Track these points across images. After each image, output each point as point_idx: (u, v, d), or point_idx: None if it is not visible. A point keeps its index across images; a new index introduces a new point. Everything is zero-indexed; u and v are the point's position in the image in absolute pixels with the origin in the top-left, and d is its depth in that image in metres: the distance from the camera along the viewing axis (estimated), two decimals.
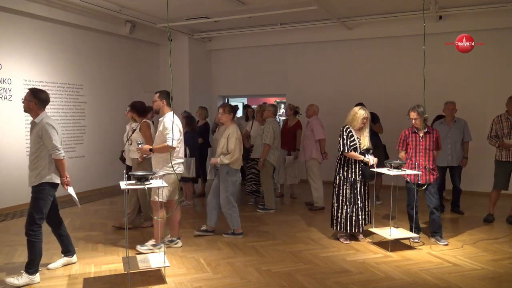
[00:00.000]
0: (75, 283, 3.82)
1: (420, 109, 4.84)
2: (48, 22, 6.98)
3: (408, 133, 4.99)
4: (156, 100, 4.61)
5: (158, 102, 4.61)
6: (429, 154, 4.89)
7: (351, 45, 8.78)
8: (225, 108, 5.10)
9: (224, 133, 5.08)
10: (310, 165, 6.64)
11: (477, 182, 7.33)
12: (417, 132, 4.92)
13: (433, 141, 4.91)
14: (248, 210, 6.66)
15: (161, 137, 4.50)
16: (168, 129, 4.38)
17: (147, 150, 4.51)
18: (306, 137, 6.73)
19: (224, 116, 5.08)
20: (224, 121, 5.13)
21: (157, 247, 4.55)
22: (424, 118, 4.88)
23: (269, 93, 10.41)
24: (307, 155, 6.66)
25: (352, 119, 4.85)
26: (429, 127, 4.97)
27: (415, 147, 4.92)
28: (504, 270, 4.13)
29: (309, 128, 6.68)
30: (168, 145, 4.34)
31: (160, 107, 4.61)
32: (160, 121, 4.58)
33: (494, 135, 5.81)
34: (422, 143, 4.89)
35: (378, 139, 6.80)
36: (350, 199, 4.89)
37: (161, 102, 4.59)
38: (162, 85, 9.65)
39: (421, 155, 4.89)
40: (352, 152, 4.81)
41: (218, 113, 5.23)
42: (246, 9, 7.44)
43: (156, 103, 4.62)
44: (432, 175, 4.91)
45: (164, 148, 4.41)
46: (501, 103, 6.27)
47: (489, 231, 5.51)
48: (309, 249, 4.75)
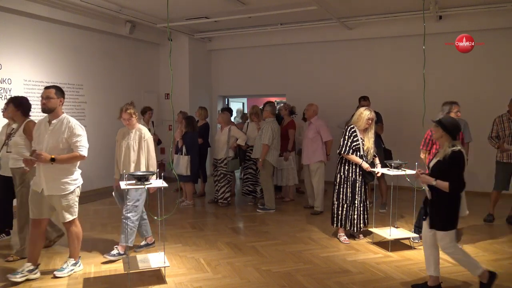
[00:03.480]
0: (75, 283, 3.82)
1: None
2: (48, 22, 6.98)
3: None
4: (52, 97, 3.79)
5: (55, 100, 3.81)
6: None
7: (351, 45, 8.77)
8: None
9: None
10: (315, 168, 6.32)
11: (477, 182, 7.32)
12: None
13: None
14: (248, 210, 6.67)
15: (64, 144, 3.80)
16: (81, 135, 3.84)
17: (47, 160, 3.65)
18: (310, 139, 6.33)
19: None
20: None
21: (77, 265, 4.10)
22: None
23: (269, 93, 10.41)
24: (313, 158, 6.30)
25: (357, 120, 4.85)
26: None
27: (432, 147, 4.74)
28: (504, 270, 4.13)
29: (314, 130, 6.32)
30: (81, 155, 3.82)
31: (56, 106, 3.82)
32: (54, 123, 3.83)
33: (495, 135, 5.81)
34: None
35: (379, 140, 6.67)
36: (349, 198, 4.90)
37: (58, 101, 3.84)
38: (162, 85, 9.67)
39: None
40: (351, 155, 4.81)
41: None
42: (246, 9, 7.44)
43: (52, 101, 3.79)
44: None
45: (74, 159, 3.82)
46: (501, 103, 6.28)
47: (489, 231, 5.51)
48: (309, 249, 4.75)
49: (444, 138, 3.45)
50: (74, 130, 3.82)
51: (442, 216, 3.45)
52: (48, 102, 3.78)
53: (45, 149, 3.74)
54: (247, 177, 7.03)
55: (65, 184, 3.84)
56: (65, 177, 3.83)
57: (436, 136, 3.52)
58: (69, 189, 3.87)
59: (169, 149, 7.81)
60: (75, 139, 3.81)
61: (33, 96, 6.73)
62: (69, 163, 3.84)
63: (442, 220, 3.45)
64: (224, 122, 6.91)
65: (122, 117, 4.44)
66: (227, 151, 6.75)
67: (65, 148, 3.81)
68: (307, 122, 6.59)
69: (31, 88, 6.76)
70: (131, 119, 4.44)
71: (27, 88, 6.69)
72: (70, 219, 3.93)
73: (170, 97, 9.26)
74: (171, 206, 6.47)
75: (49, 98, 3.78)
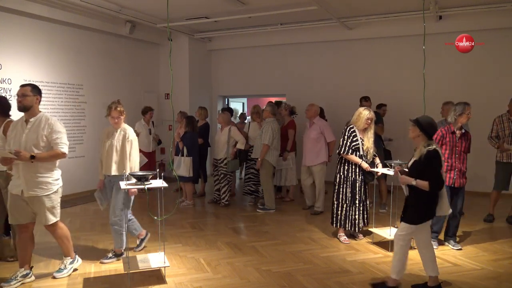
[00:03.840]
0: (75, 283, 3.82)
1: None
2: (48, 22, 6.98)
3: (446, 132, 4.67)
4: (28, 95, 3.67)
5: (31, 97, 3.69)
6: (464, 156, 4.69)
7: (351, 45, 8.78)
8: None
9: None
10: (319, 169, 6.22)
11: (477, 182, 7.32)
12: (455, 132, 4.65)
13: (468, 143, 4.72)
14: (248, 210, 6.67)
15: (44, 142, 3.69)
16: (61, 132, 3.75)
17: (27, 157, 3.54)
18: (314, 140, 6.20)
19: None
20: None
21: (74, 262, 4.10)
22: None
23: (269, 93, 10.41)
24: (317, 160, 6.19)
25: (356, 119, 4.84)
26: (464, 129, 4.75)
27: (452, 148, 4.65)
28: (504, 270, 4.13)
29: (317, 131, 6.20)
30: (62, 152, 3.71)
31: (32, 104, 3.70)
32: (32, 122, 3.72)
33: (495, 135, 5.81)
34: (458, 145, 4.65)
35: (379, 140, 6.55)
36: (349, 198, 4.90)
37: (35, 98, 3.72)
38: (162, 85, 9.67)
39: (456, 157, 4.65)
40: (350, 155, 4.81)
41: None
42: (246, 9, 7.44)
43: (28, 99, 3.67)
44: (465, 178, 4.72)
45: (55, 156, 3.71)
46: (501, 103, 6.29)
47: (489, 231, 5.50)
48: (309, 249, 4.74)
49: (420, 138, 3.49)
50: (54, 127, 3.71)
51: (418, 212, 3.51)
52: (24, 100, 3.65)
53: (23, 149, 3.60)
54: (249, 177, 7.03)
55: (47, 184, 3.71)
56: (46, 177, 3.71)
57: (413, 135, 3.55)
58: (52, 189, 3.75)
59: (169, 149, 7.81)
60: (55, 136, 3.70)
61: None
62: (50, 161, 3.72)
63: (415, 214, 3.52)
64: (225, 122, 6.91)
65: (111, 115, 4.29)
66: (227, 151, 6.75)
67: (45, 146, 3.70)
68: (309, 122, 6.45)
69: None
70: (120, 117, 4.31)
71: None
72: (53, 221, 3.79)
73: (170, 97, 9.27)
74: (171, 206, 6.48)
75: (25, 96, 3.66)
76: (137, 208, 6.83)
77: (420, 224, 3.51)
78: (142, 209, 6.65)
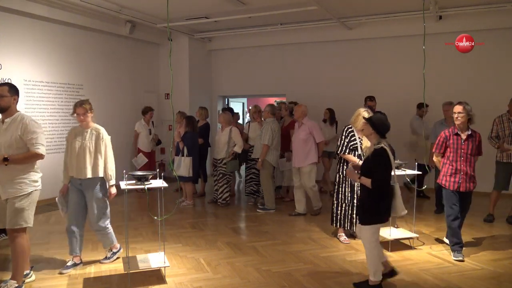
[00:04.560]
0: (75, 283, 3.82)
1: (468, 106, 4.34)
2: (48, 22, 6.98)
3: (449, 134, 4.46)
4: (5, 96, 3.55)
5: (9, 98, 3.56)
6: (470, 159, 4.42)
7: (351, 45, 8.78)
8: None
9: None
10: (309, 170, 6.05)
11: (477, 182, 7.29)
12: (459, 134, 4.41)
13: (475, 146, 4.42)
14: (248, 210, 6.67)
15: (19, 143, 3.52)
16: (36, 132, 3.56)
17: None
18: (303, 140, 6.04)
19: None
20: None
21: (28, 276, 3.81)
22: (469, 117, 4.34)
23: (269, 93, 10.41)
24: (306, 161, 6.03)
25: (354, 120, 4.85)
26: (472, 130, 4.46)
27: (456, 150, 4.41)
28: (504, 270, 4.13)
29: (306, 131, 6.06)
30: (37, 153, 3.53)
31: (10, 105, 3.58)
32: (7, 122, 3.56)
33: (495, 135, 5.81)
34: (464, 147, 4.39)
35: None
36: (348, 197, 4.91)
37: (12, 99, 3.59)
38: (162, 85, 9.67)
39: (462, 160, 4.40)
40: (348, 154, 4.82)
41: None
42: (246, 9, 7.44)
43: (5, 100, 3.54)
44: (473, 182, 4.48)
45: (31, 158, 3.54)
46: (501, 103, 6.28)
47: (489, 231, 5.50)
48: (309, 249, 4.74)
49: (373, 136, 3.55)
50: (28, 127, 3.52)
51: (364, 210, 3.58)
52: (1, 101, 3.52)
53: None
54: (251, 177, 7.03)
55: (21, 184, 3.52)
56: (22, 178, 3.53)
57: (366, 133, 3.63)
58: (26, 190, 3.53)
59: (169, 149, 7.81)
60: (30, 136, 3.51)
61: (33, 96, 6.74)
62: (25, 163, 3.54)
63: (363, 213, 3.59)
64: (225, 122, 6.90)
65: (76, 112, 4.04)
66: (227, 151, 6.75)
67: (21, 147, 3.52)
68: (297, 123, 6.27)
69: (31, 88, 6.76)
70: (86, 115, 4.06)
71: (27, 88, 6.69)
72: (19, 226, 3.50)
73: (170, 97, 9.26)
74: (171, 206, 6.48)
75: (2, 96, 3.52)
76: (137, 208, 6.86)
77: (374, 224, 3.54)
78: (142, 209, 6.65)
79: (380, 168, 3.43)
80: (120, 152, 8.47)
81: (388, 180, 3.51)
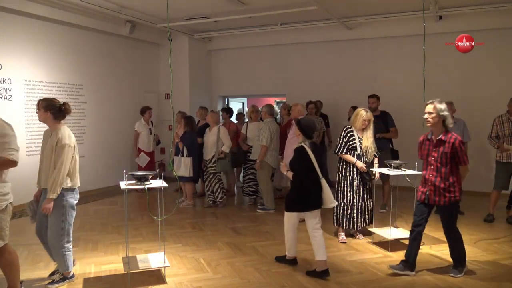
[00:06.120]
0: (75, 283, 3.81)
1: (441, 105, 3.73)
2: (48, 22, 6.98)
3: (423, 139, 4.00)
4: None
5: None
6: (441, 169, 3.75)
7: (351, 45, 8.77)
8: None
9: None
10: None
11: (477, 182, 7.32)
12: (430, 139, 3.89)
13: (449, 153, 3.68)
14: (248, 210, 6.67)
15: None
16: (9, 135, 3.10)
17: None
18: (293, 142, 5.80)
19: None
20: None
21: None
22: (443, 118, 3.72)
23: (269, 93, 10.41)
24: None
25: (353, 120, 4.87)
26: (451, 134, 3.75)
27: (426, 157, 3.89)
28: (504, 270, 4.13)
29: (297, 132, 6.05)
30: (10, 159, 3.07)
31: None
32: None
33: (495, 135, 5.81)
34: (434, 154, 3.80)
35: (387, 142, 6.35)
36: (348, 197, 4.91)
37: None
38: (162, 85, 9.67)
39: (431, 169, 3.81)
40: (346, 154, 4.83)
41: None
42: (246, 9, 7.44)
43: None
44: (444, 196, 3.75)
45: (3, 165, 3.09)
46: (501, 103, 6.29)
47: (489, 231, 5.50)
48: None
49: (300, 136, 4.04)
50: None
51: (288, 198, 4.10)
52: None
53: None
54: (249, 178, 7.02)
55: None
56: None
57: (296, 133, 4.09)
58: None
59: (169, 149, 7.81)
60: (1, 140, 3.04)
61: (33, 96, 6.74)
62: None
63: (290, 201, 4.07)
64: (214, 121, 6.84)
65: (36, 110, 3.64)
66: (216, 151, 6.71)
67: None
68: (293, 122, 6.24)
69: (31, 88, 6.76)
70: (47, 115, 3.64)
71: (27, 88, 6.69)
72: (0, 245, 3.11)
73: (170, 97, 9.26)
74: (171, 206, 6.48)
75: None
76: (137, 208, 6.86)
77: (293, 211, 4.06)
78: (142, 209, 6.66)
79: (297, 163, 3.97)
80: (120, 152, 8.50)
81: (307, 173, 3.93)
